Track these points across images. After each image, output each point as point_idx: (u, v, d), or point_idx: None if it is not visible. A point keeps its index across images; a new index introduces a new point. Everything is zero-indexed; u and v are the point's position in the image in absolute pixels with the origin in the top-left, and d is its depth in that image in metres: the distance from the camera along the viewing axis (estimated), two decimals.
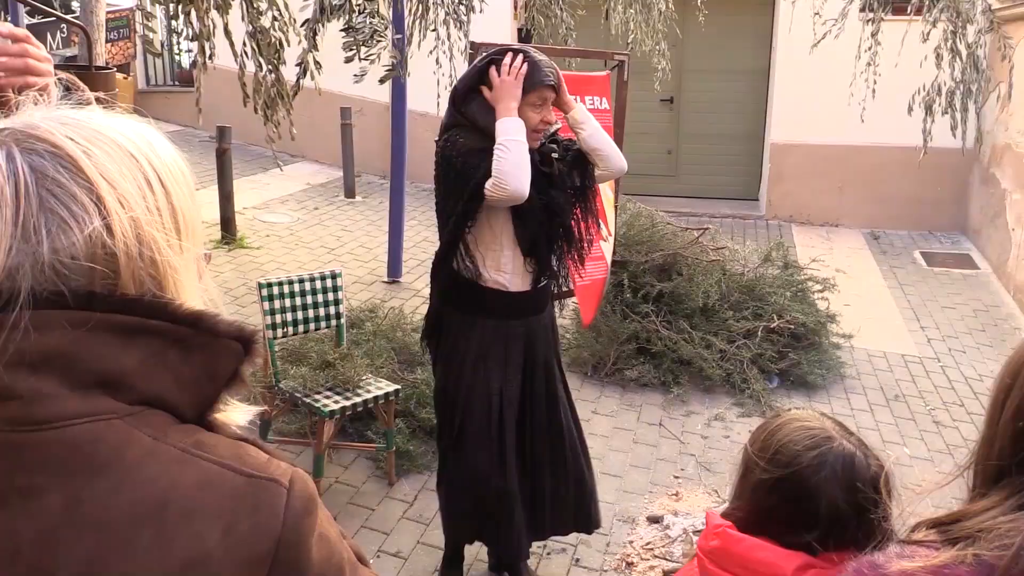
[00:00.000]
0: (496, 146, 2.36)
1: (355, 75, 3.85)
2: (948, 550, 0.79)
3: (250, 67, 4.06)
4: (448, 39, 5.13)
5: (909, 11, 5.44)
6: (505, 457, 2.59)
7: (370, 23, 3.86)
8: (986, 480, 0.87)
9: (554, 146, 2.58)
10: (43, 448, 0.66)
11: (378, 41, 3.97)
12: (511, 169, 2.32)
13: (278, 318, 3.40)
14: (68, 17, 7.04)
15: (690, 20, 7.04)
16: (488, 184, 2.34)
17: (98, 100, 0.79)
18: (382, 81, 4.24)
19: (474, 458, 2.59)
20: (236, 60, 4.02)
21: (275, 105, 4.10)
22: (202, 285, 0.80)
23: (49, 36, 9.70)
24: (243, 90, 4.10)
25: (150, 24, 4.03)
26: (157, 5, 4.07)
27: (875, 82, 5.82)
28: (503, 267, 2.51)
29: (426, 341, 2.76)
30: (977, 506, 0.84)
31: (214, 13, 3.85)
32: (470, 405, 2.57)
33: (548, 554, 3.15)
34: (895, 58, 5.81)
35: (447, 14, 4.94)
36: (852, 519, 1.22)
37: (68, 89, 0.80)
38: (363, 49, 3.92)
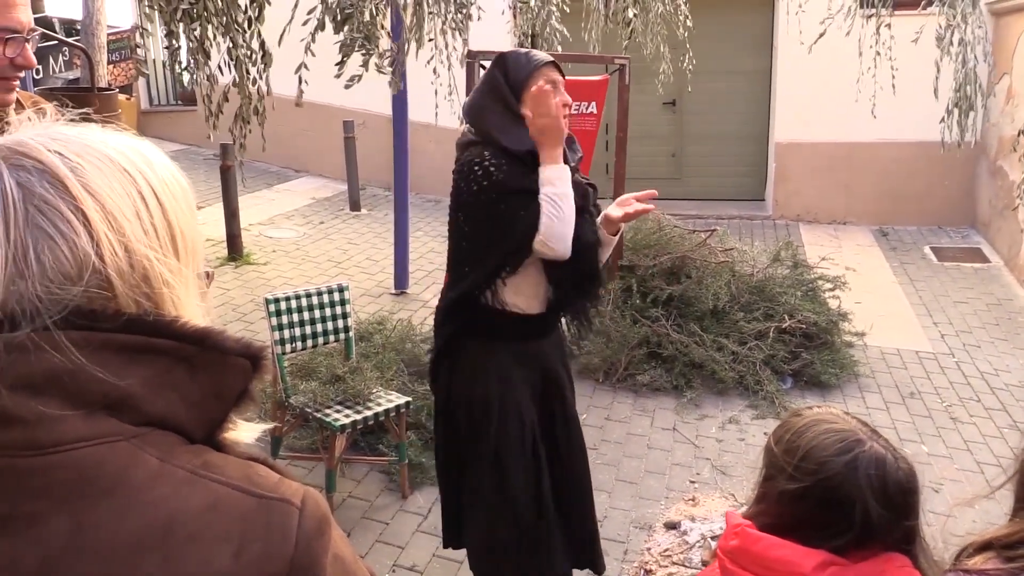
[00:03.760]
0: (545, 198, 2.20)
1: (347, 81, 3.91)
2: None
3: (224, 79, 4.09)
4: (447, 48, 5.12)
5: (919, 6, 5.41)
6: (541, 480, 2.43)
7: (365, 28, 3.93)
8: None
9: (590, 184, 2.43)
10: (47, 473, 0.65)
11: (371, 50, 4.02)
12: (562, 231, 2.20)
13: (286, 333, 3.38)
14: (70, 40, 7.07)
15: (690, 20, 7.01)
16: (535, 241, 2.22)
17: (98, 119, 0.78)
18: (391, 85, 4.28)
19: (516, 481, 2.39)
20: (215, 75, 4.06)
21: (248, 120, 4.13)
22: (203, 305, 0.78)
23: (51, 59, 9.75)
24: (207, 107, 4.11)
25: (143, 45, 4.10)
26: (154, 24, 4.07)
27: (882, 77, 5.79)
28: (523, 291, 2.36)
29: (431, 376, 2.56)
30: None
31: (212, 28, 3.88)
32: (504, 425, 2.38)
33: None
34: (898, 53, 5.79)
35: (444, 23, 4.95)
36: (885, 523, 1.20)
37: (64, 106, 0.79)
38: (361, 57, 3.97)
